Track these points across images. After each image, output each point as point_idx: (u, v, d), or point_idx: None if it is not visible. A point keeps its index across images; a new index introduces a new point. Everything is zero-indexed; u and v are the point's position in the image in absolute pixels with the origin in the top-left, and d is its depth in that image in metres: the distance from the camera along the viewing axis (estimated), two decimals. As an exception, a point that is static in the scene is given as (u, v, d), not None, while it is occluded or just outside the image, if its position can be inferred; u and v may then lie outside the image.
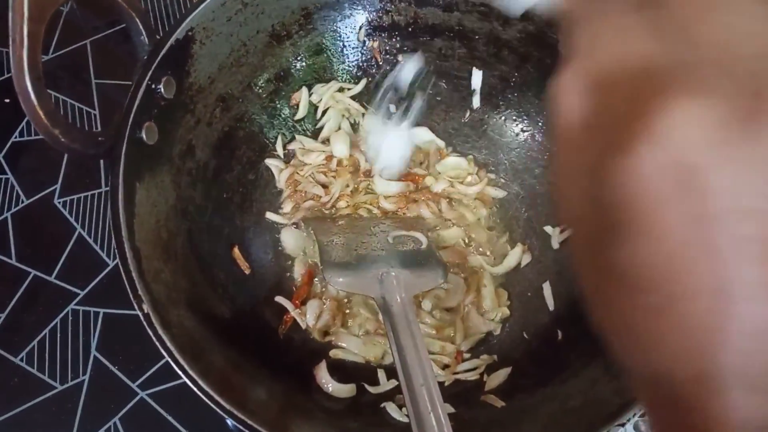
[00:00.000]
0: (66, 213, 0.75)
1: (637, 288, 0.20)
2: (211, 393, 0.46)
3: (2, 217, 0.74)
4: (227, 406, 0.46)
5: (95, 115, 0.81)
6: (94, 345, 0.68)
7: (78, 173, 0.77)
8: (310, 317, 0.63)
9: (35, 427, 0.64)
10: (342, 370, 0.61)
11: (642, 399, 0.23)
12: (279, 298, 0.64)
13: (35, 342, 0.68)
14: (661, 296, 0.19)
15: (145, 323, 0.47)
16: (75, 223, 0.74)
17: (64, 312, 0.70)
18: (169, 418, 0.65)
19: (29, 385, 0.66)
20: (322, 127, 0.73)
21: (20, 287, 0.71)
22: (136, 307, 0.47)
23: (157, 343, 0.47)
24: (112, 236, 0.49)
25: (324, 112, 0.72)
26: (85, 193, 0.76)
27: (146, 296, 0.48)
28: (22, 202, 0.75)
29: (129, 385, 0.67)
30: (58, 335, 0.69)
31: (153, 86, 0.55)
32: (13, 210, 0.75)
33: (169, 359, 0.46)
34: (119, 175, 0.51)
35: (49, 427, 0.64)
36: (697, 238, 0.18)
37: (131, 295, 0.48)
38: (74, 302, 0.70)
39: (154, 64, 0.55)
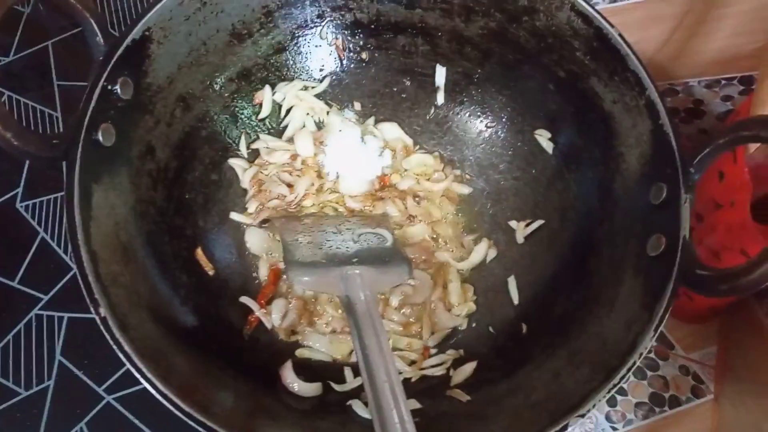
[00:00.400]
0: (28, 217, 0.74)
1: None
2: (171, 397, 0.45)
3: (-37, 222, 0.73)
4: (189, 410, 0.45)
5: (57, 118, 0.80)
6: (58, 350, 0.68)
7: (40, 176, 0.76)
8: (275, 317, 0.63)
9: (-2, 435, 0.64)
10: (308, 370, 0.60)
11: None
12: (244, 298, 0.63)
13: (-2, 348, 0.67)
14: None
15: (102, 327, 0.47)
16: (38, 227, 0.73)
17: (28, 317, 0.69)
18: (137, 422, 0.65)
19: (-7, 392, 0.65)
20: (286, 126, 0.72)
21: (-19, 293, 0.70)
22: (92, 311, 0.47)
23: (115, 347, 0.46)
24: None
25: (288, 111, 0.72)
26: (48, 197, 0.75)
27: (103, 299, 0.47)
28: (-17, 206, 0.74)
29: (95, 390, 0.66)
30: (22, 341, 0.68)
31: (109, 87, 0.54)
32: (-26, 215, 0.74)
33: (127, 363, 0.46)
34: (74, 178, 0.50)
35: (14, 433, 0.64)
36: None
37: (87, 299, 0.47)
38: (38, 307, 0.69)
39: (110, 65, 0.54)
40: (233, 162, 0.69)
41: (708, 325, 0.73)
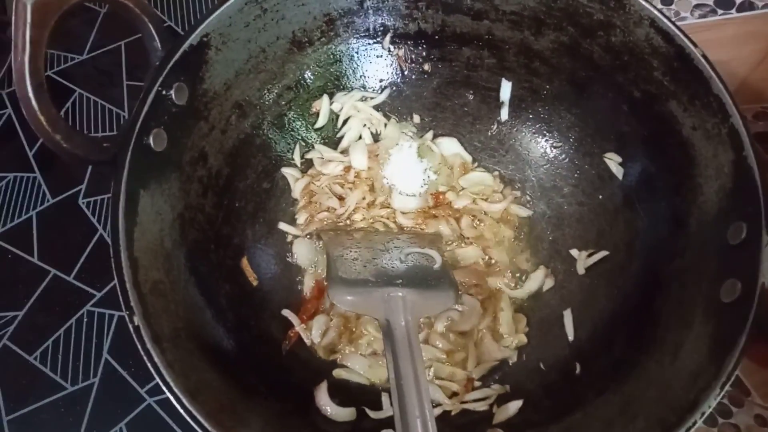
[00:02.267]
0: (89, 214, 0.75)
1: None
2: (196, 414, 0.44)
3: (27, 215, 0.76)
4: (211, 429, 0.44)
5: (124, 117, 0.81)
6: (106, 348, 0.69)
7: (104, 174, 0.78)
8: (315, 334, 0.61)
9: (41, 427, 0.65)
10: (344, 392, 0.58)
11: None
12: (286, 312, 0.62)
13: (50, 342, 0.69)
14: None
15: (134, 336, 0.46)
16: (97, 225, 0.75)
17: (80, 313, 0.70)
18: (175, 426, 0.65)
19: (40, 385, 0.67)
20: (341, 137, 0.71)
21: (39, 286, 0.72)
22: (127, 318, 0.46)
23: (144, 357, 0.46)
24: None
25: (345, 122, 0.70)
26: (108, 195, 0.76)
27: (138, 308, 0.47)
28: (48, 201, 0.76)
29: (137, 391, 0.66)
30: (72, 336, 0.69)
31: (164, 92, 0.54)
32: (39, 209, 0.76)
33: (155, 375, 0.45)
34: (122, 182, 0.50)
35: (56, 428, 0.65)
36: None
37: (123, 306, 0.47)
38: (90, 303, 0.71)
39: (166, 70, 0.54)
40: (286, 171, 0.68)
41: (789, 373, 0.66)
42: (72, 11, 0.50)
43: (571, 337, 0.61)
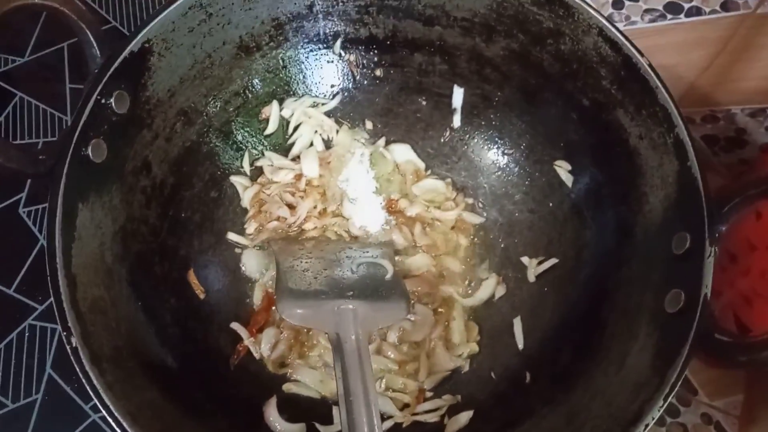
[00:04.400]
0: (30, 223, 0.73)
1: None
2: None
3: (-36, 225, 0.72)
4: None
5: (66, 122, 0.78)
6: (49, 363, 0.66)
7: (46, 182, 0.75)
8: (265, 347, 0.60)
9: (-21, 449, 0.62)
10: (295, 406, 0.57)
11: None
12: (234, 325, 0.61)
13: (-11, 357, 0.66)
14: None
15: (72, 357, 0.45)
16: (38, 234, 0.72)
17: (21, 327, 0.67)
18: (121, 443, 0.63)
19: (-21, 403, 0.64)
20: (293, 144, 0.69)
21: (-23, 299, 0.69)
22: (64, 340, 0.45)
23: (83, 380, 0.44)
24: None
25: (295, 128, 0.69)
26: (50, 204, 0.73)
27: (76, 328, 0.45)
28: (-14, 210, 0.73)
29: (82, 407, 0.64)
30: (14, 351, 0.66)
31: (103, 101, 0.52)
32: (-25, 218, 0.73)
33: (94, 398, 0.44)
34: (58, 196, 0.48)
35: (-4, 448, 0.62)
36: None
37: (60, 327, 0.45)
38: (32, 317, 0.68)
39: (105, 79, 0.52)
40: (235, 180, 0.67)
41: (736, 372, 0.69)
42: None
43: (521, 346, 0.61)
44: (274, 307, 0.62)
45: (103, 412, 0.43)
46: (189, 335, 0.58)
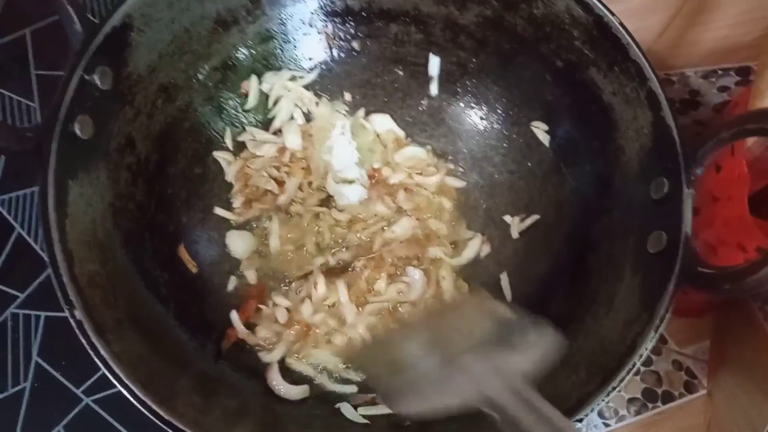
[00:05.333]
0: (5, 212, 0.71)
1: None
2: (150, 404, 0.43)
3: (-66, 219, 0.70)
4: (167, 418, 0.43)
5: (35, 109, 0.76)
6: (35, 350, 0.65)
7: (16, 170, 0.73)
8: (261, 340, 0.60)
9: (-28, 440, 0.61)
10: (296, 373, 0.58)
11: None
12: (233, 315, 0.61)
13: (-28, 349, 0.65)
14: None
15: (77, 330, 0.44)
16: (14, 222, 0.70)
17: (3, 316, 0.66)
18: (116, 424, 0.63)
19: (-34, 395, 0.63)
20: (273, 118, 0.69)
21: (-46, 292, 0.67)
22: (67, 314, 0.44)
23: (91, 352, 0.44)
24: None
25: (275, 102, 0.69)
26: (24, 191, 0.72)
27: (78, 301, 0.45)
28: (-44, 202, 0.71)
29: (73, 391, 0.64)
30: (-3, 340, 0.65)
31: (87, 77, 0.51)
32: (-53, 209, 0.71)
33: (104, 368, 0.44)
34: (49, 172, 0.47)
35: (-12, 438, 0.61)
36: None
37: (62, 301, 0.45)
38: (14, 305, 0.67)
39: (88, 54, 0.51)
40: (218, 155, 0.66)
41: (702, 319, 0.73)
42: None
43: (509, 299, 0.63)
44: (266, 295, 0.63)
45: (114, 380, 0.43)
46: (184, 309, 0.57)
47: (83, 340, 0.44)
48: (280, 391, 0.56)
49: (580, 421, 0.46)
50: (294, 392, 0.56)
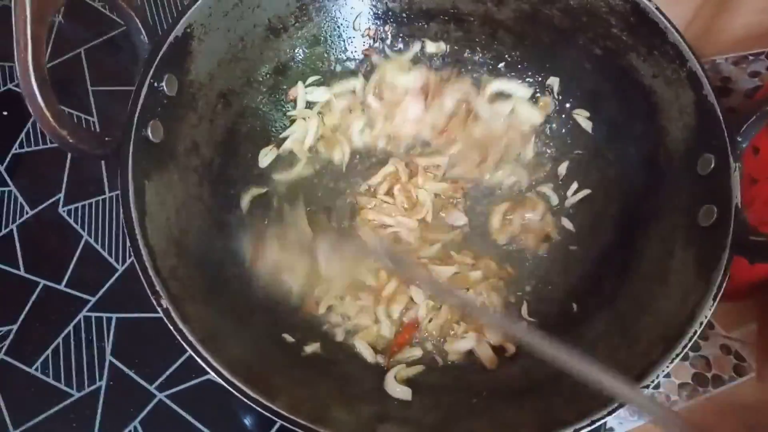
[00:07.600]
0: (71, 221, 0.74)
1: None
2: (237, 383, 0.46)
3: (8, 229, 0.74)
4: (255, 396, 0.45)
5: (94, 123, 0.80)
6: (108, 350, 0.68)
7: (81, 181, 0.77)
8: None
9: (52, 436, 0.64)
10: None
11: None
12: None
13: (49, 351, 0.68)
14: None
15: (165, 319, 0.47)
16: (81, 231, 0.74)
17: (77, 319, 0.69)
18: (189, 417, 0.65)
19: (46, 395, 0.66)
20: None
21: (30, 298, 0.70)
22: (154, 303, 0.47)
23: (179, 337, 0.46)
24: (126, 236, 0.49)
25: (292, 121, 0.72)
26: (90, 200, 0.76)
27: (164, 291, 0.48)
28: (27, 213, 0.75)
29: (147, 388, 0.66)
30: (72, 342, 0.68)
31: (156, 84, 0.54)
32: (18, 222, 0.74)
33: (192, 352, 0.46)
34: (128, 174, 0.51)
35: (69, 434, 0.64)
36: None
37: (149, 292, 0.47)
38: (86, 309, 0.70)
39: (156, 62, 0.54)
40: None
41: (746, 302, 0.73)
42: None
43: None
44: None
45: (200, 362, 0.46)
46: (257, 302, 0.60)
47: (171, 328, 0.47)
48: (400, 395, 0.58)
49: (647, 387, 0.47)
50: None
